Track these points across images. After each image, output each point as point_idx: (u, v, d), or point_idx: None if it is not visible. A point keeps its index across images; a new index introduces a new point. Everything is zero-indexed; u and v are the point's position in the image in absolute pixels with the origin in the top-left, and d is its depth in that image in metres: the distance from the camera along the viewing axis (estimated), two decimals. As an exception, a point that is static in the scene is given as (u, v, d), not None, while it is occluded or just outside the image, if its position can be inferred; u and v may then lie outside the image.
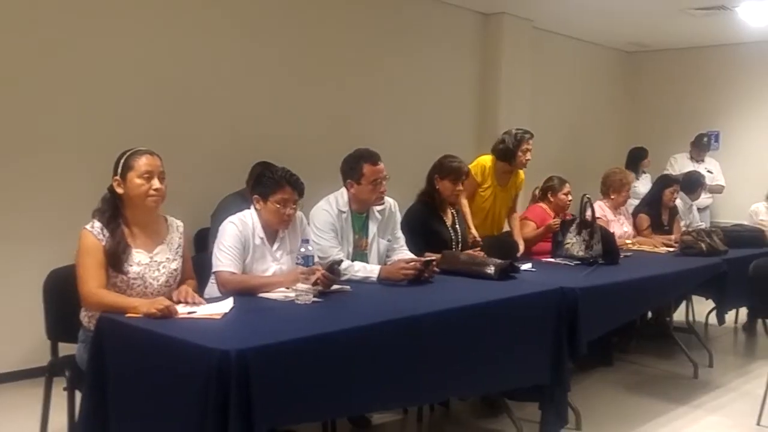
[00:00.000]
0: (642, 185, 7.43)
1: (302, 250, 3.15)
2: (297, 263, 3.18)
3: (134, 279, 2.94)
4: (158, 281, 3.00)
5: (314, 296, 3.08)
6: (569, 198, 5.40)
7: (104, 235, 2.90)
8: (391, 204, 3.98)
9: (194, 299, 2.93)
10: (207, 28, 5.42)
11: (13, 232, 4.53)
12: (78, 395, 2.88)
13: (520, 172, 5.23)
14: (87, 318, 2.98)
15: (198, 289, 3.18)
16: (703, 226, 6.11)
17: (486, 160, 5.12)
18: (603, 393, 4.63)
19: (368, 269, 3.66)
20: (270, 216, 3.35)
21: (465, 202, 4.84)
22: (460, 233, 4.47)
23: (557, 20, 7.97)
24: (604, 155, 8.33)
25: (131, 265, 2.93)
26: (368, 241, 3.87)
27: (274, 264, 3.38)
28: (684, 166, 7.81)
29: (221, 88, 5.48)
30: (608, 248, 4.63)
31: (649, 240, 5.72)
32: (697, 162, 8.05)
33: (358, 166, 3.74)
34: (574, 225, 4.73)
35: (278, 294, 3.17)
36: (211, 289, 3.31)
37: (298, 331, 2.58)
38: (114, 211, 2.95)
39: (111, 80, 4.90)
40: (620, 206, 5.80)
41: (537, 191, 5.64)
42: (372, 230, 3.88)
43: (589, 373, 4.91)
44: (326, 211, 3.74)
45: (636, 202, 6.48)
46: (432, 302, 3.21)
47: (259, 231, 3.36)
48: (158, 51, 5.13)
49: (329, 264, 3.28)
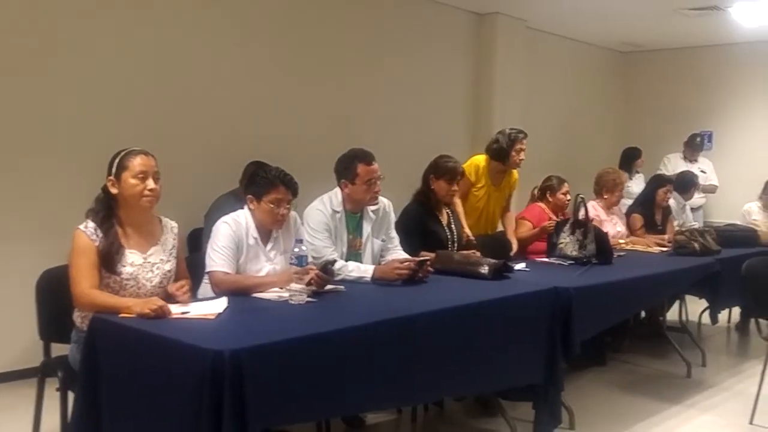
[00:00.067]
0: (635, 185, 7.44)
1: (296, 250, 3.15)
2: (291, 263, 3.18)
3: (127, 280, 2.93)
4: (151, 282, 2.99)
5: (308, 296, 3.07)
6: (568, 198, 5.40)
7: (98, 236, 2.89)
8: (386, 204, 3.98)
9: (186, 294, 2.94)
10: (201, 28, 5.41)
11: (6, 232, 4.51)
12: (71, 396, 2.87)
13: (514, 172, 5.24)
14: (80, 318, 2.97)
15: (192, 290, 3.18)
16: (696, 226, 6.13)
17: (480, 160, 5.12)
18: (596, 392, 4.64)
19: (362, 269, 3.65)
20: (264, 216, 3.34)
21: (458, 202, 4.85)
22: (456, 233, 4.47)
23: (551, 20, 7.98)
24: (598, 155, 8.34)
25: (124, 266, 2.92)
26: (362, 241, 3.87)
27: (268, 264, 3.37)
28: (677, 166, 7.82)
29: (214, 88, 5.47)
30: (602, 248, 4.63)
31: (643, 240, 5.73)
32: (691, 162, 8.07)
33: (353, 166, 3.74)
34: (568, 225, 4.74)
35: (272, 294, 3.16)
36: (205, 289, 3.31)
37: (292, 331, 2.58)
38: (108, 212, 2.94)
39: (105, 81, 4.89)
40: (613, 206, 5.80)
41: (536, 191, 5.61)
42: (366, 230, 3.87)
43: (583, 373, 4.92)
44: (320, 211, 3.74)
45: (629, 202, 6.49)
46: (426, 302, 3.21)
47: (253, 231, 3.36)
48: (152, 51, 5.12)
49: (323, 264, 3.28)
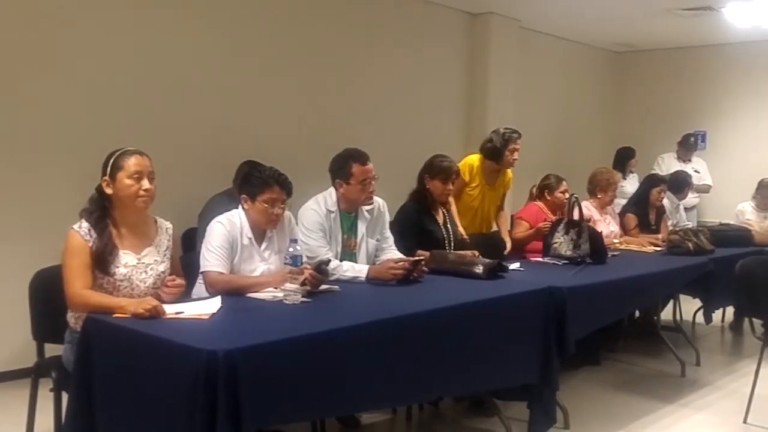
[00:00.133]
0: (629, 185, 7.44)
1: (290, 250, 3.15)
2: (285, 263, 3.17)
3: (121, 281, 2.92)
4: (145, 283, 2.97)
5: (302, 296, 3.07)
6: (566, 196, 5.38)
7: (91, 236, 2.88)
8: (380, 204, 3.98)
9: (175, 288, 2.95)
10: (194, 28, 5.40)
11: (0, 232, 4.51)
12: (65, 396, 2.85)
13: (508, 171, 5.24)
14: (74, 319, 2.96)
15: (187, 290, 3.17)
16: (690, 226, 6.15)
17: (474, 160, 5.13)
18: (591, 392, 4.65)
19: (357, 269, 3.65)
20: (258, 216, 3.34)
21: (452, 200, 4.84)
22: (452, 232, 4.47)
23: (545, 20, 7.99)
24: (592, 155, 8.36)
25: (118, 267, 2.91)
26: (357, 241, 3.86)
27: (262, 264, 3.37)
28: (671, 166, 7.83)
29: (208, 88, 5.46)
30: (596, 248, 4.64)
31: (637, 239, 5.74)
32: (684, 162, 8.08)
33: (347, 166, 3.74)
34: (562, 225, 4.74)
35: (266, 294, 3.16)
36: (199, 289, 3.30)
37: (287, 331, 2.58)
38: (102, 212, 2.93)
39: (99, 81, 4.87)
40: (607, 206, 5.81)
41: (534, 189, 5.57)
42: (361, 230, 3.87)
43: (577, 372, 4.92)
44: (314, 211, 3.73)
45: (623, 202, 6.50)
46: (421, 302, 3.21)
47: (247, 231, 3.35)
48: (145, 50, 5.10)
49: (317, 264, 3.28)
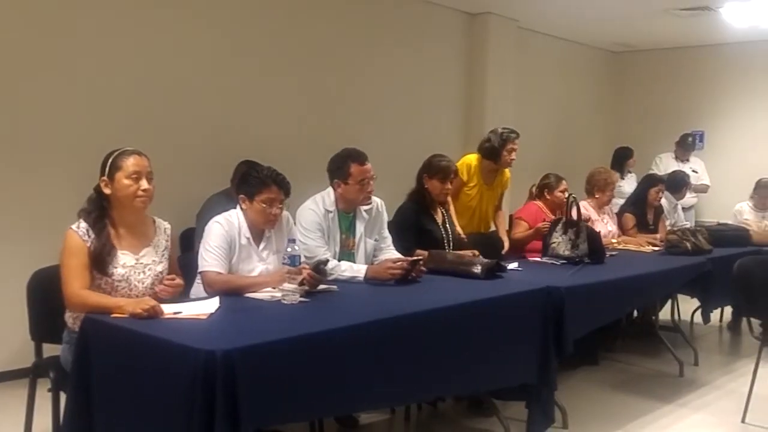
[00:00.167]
0: (627, 185, 7.45)
1: (288, 250, 3.15)
2: (283, 263, 3.17)
3: (119, 281, 2.91)
4: (143, 284, 2.97)
5: (301, 296, 3.07)
6: (566, 195, 5.37)
7: (90, 237, 2.87)
8: (378, 203, 3.98)
9: (172, 287, 2.96)
10: (193, 28, 5.39)
11: (-3, 232, 4.50)
12: (63, 397, 2.85)
13: (506, 171, 5.24)
14: (72, 319, 2.95)
15: (185, 290, 3.17)
16: (688, 226, 6.15)
17: (471, 159, 5.12)
18: (589, 392, 4.65)
19: (355, 269, 3.65)
20: (256, 216, 3.33)
21: (449, 200, 4.84)
22: (451, 232, 4.47)
23: (543, 20, 7.99)
24: (590, 155, 8.36)
25: (116, 267, 2.91)
26: (355, 241, 3.86)
27: (261, 264, 3.37)
28: (669, 166, 7.83)
29: (206, 88, 5.45)
30: (594, 247, 4.64)
31: (635, 239, 5.74)
32: (682, 162, 8.09)
33: (346, 166, 3.74)
34: (560, 224, 4.74)
35: (264, 294, 3.16)
36: (197, 289, 3.30)
37: (285, 332, 2.57)
38: (101, 212, 2.92)
39: (97, 81, 4.87)
40: (604, 205, 5.80)
41: (534, 188, 5.56)
42: (359, 230, 3.87)
43: (576, 372, 4.92)
44: (313, 211, 3.73)
45: (621, 202, 6.50)
46: (419, 302, 3.21)
47: (245, 231, 3.35)
48: (144, 50, 5.10)
49: (315, 264, 3.27)
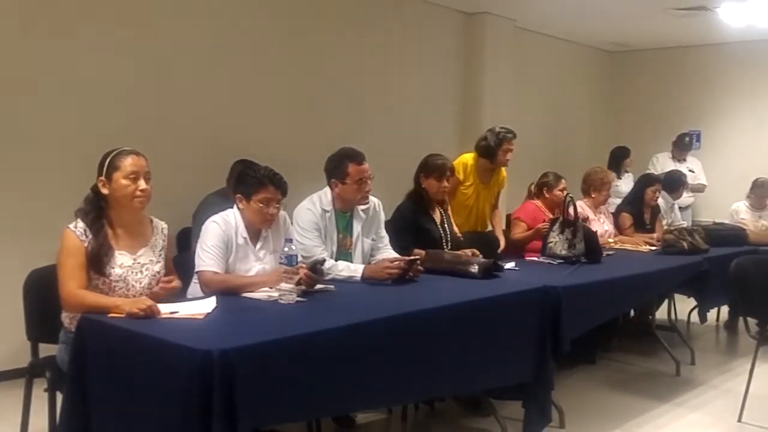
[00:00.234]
0: (624, 184, 7.45)
1: (285, 250, 3.14)
2: (280, 263, 3.17)
3: (116, 281, 2.91)
4: (141, 283, 2.97)
5: (298, 296, 3.06)
6: (564, 194, 5.37)
7: (87, 237, 2.87)
8: (375, 203, 3.98)
9: (168, 286, 2.96)
10: (188, 28, 5.39)
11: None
12: (59, 397, 2.85)
13: (502, 170, 5.24)
14: (68, 319, 2.94)
15: (182, 290, 3.16)
16: (685, 225, 6.16)
17: (468, 158, 5.13)
18: (586, 391, 4.65)
19: (352, 268, 3.65)
20: (253, 215, 3.33)
21: (445, 200, 4.83)
22: (449, 232, 4.46)
23: (540, 20, 8.00)
24: (587, 154, 8.37)
25: (113, 268, 2.90)
26: (352, 241, 3.86)
27: (257, 264, 3.36)
28: (666, 166, 7.84)
29: (202, 87, 5.44)
30: (591, 247, 4.64)
31: (631, 239, 5.75)
32: (679, 161, 8.10)
33: (343, 166, 3.73)
34: (557, 224, 4.74)
35: (261, 294, 3.15)
36: (194, 289, 3.29)
37: (282, 331, 2.57)
38: (98, 212, 2.92)
39: (93, 80, 4.86)
40: (601, 205, 5.80)
41: (532, 187, 5.53)
42: (356, 229, 3.87)
43: (572, 372, 4.93)
44: (310, 211, 3.73)
45: (618, 201, 6.51)
46: (416, 301, 3.21)
47: (242, 230, 3.34)
48: (139, 50, 5.09)
49: (312, 263, 3.27)
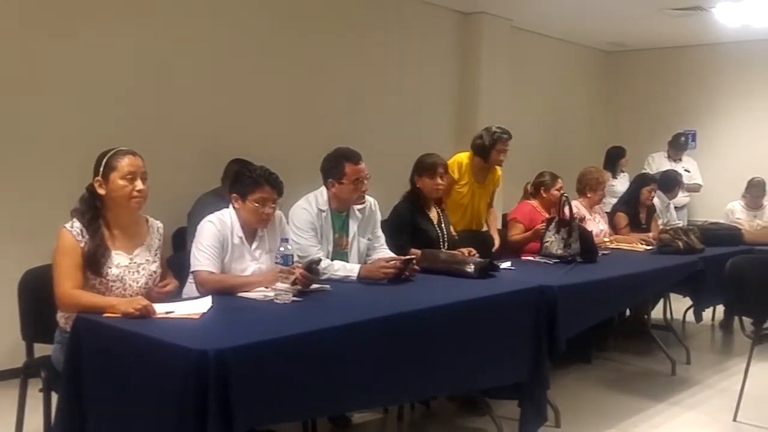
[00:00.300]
0: (620, 184, 7.46)
1: (281, 249, 3.14)
2: (276, 262, 3.17)
3: (113, 281, 2.90)
4: (138, 283, 2.97)
5: (293, 295, 3.06)
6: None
7: (83, 237, 2.86)
8: (371, 203, 3.98)
9: (165, 290, 3.00)
10: (185, 27, 5.38)
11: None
12: (54, 397, 2.84)
13: (498, 169, 5.24)
14: (64, 319, 2.94)
15: (177, 289, 3.17)
16: (681, 225, 6.17)
17: (462, 157, 5.13)
18: (582, 390, 4.66)
19: (348, 268, 3.65)
20: (249, 215, 3.33)
21: (443, 198, 4.82)
22: (446, 232, 4.47)
23: (536, 20, 8.00)
24: (583, 154, 8.37)
25: (110, 268, 2.90)
26: (348, 240, 3.86)
27: (253, 263, 3.36)
28: (661, 165, 7.85)
29: (197, 86, 5.43)
30: (586, 246, 4.65)
31: (627, 237, 5.75)
32: (675, 161, 8.11)
33: (340, 166, 3.73)
34: (553, 224, 4.75)
35: (257, 293, 3.15)
36: (190, 289, 3.29)
37: (277, 331, 2.57)
38: (94, 213, 2.91)
39: (88, 80, 4.85)
40: (596, 205, 5.82)
41: (529, 186, 5.51)
42: (352, 229, 3.87)
43: (568, 371, 4.93)
44: (306, 210, 3.73)
45: (614, 201, 6.52)
46: (412, 301, 3.21)
47: (238, 230, 3.34)
48: (135, 50, 5.08)
49: (308, 263, 3.27)
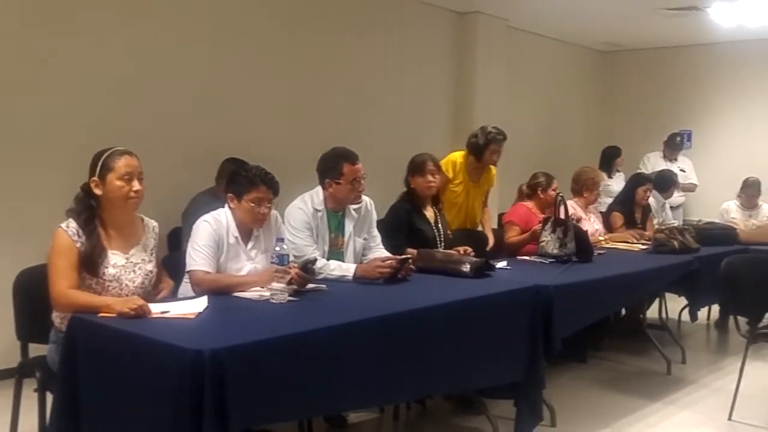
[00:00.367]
0: (615, 184, 7.47)
1: (277, 249, 3.14)
2: (272, 262, 3.16)
3: (110, 281, 2.90)
4: (134, 283, 2.97)
5: (289, 295, 3.06)
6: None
7: (79, 237, 2.85)
8: (367, 202, 3.98)
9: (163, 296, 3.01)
10: (179, 27, 5.37)
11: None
12: (49, 397, 2.84)
13: (492, 168, 5.25)
14: (59, 319, 2.93)
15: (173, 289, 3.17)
16: (676, 224, 6.18)
17: (457, 156, 5.13)
18: (577, 390, 4.66)
19: (344, 268, 3.64)
20: (244, 215, 3.32)
21: (440, 197, 4.82)
22: (443, 232, 4.47)
23: (532, 20, 8.01)
24: (578, 154, 8.38)
25: (107, 268, 2.89)
26: (344, 240, 3.86)
27: (249, 263, 3.36)
28: (657, 165, 7.87)
29: (191, 85, 5.42)
30: (582, 246, 4.65)
31: (621, 234, 5.76)
32: (670, 161, 8.12)
33: (339, 166, 3.73)
34: (549, 223, 4.75)
35: (253, 293, 3.15)
36: (185, 289, 3.28)
37: (273, 331, 2.57)
38: (90, 213, 2.90)
39: (83, 79, 4.84)
40: (590, 204, 5.83)
41: (524, 188, 5.49)
42: (348, 229, 3.87)
43: (564, 370, 4.93)
44: (301, 210, 3.73)
45: (609, 201, 6.53)
46: (408, 301, 3.21)
47: (234, 230, 3.34)
48: (130, 49, 5.07)
49: (304, 263, 3.27)
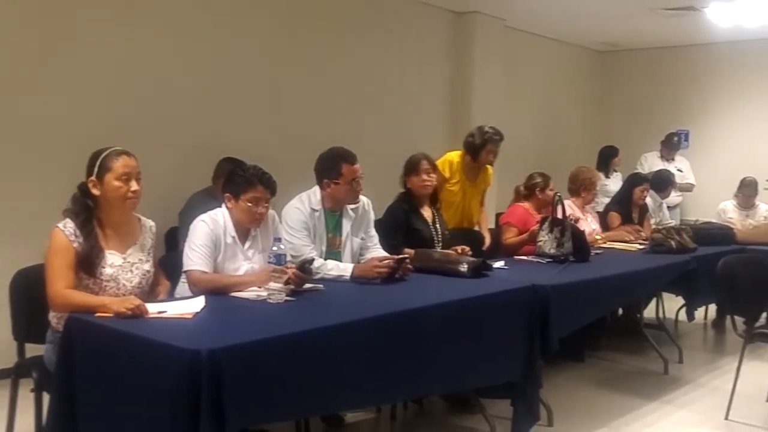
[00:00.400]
0: (613, 184, 7.47)
1: (274, 249, 3.14)
2: (269, 262, 3.16)
3: (107, 281, 2.90)
4: (131, 282, 2.96)
5: (286, 295, 3.06)
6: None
7: (77, 237, 2.85)
8: (365, 202, 3.98)
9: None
10: (173, 24, 5.36)
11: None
12: (46, 397, 2.83)
13: (489, 168, 5.25)
14: (56, 319, 2.93)
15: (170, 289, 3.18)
16: (673, 224, 6.19)
17: (453, 156, 5.13)
18: (574, 389, 4.67)
19: (341, 268, 3.64)
20: (241, 214, 3.32)
21: (438, 197, 4.82)
22: (441, 232, 4.47)
23: (529, 19, 8.01)
24: (576, 154, 8.38)
25: (104, 267, 2.89)
26: (342, 240, 3.86)
27: (246, 263, 3.35)
28: (654, 165, 7.88)
29: (188, 85, 5.41)
30: (579, 246, 4.66)
31: (617, 233, 5.77)
32: (668, 161, 8.13)
33: (337, 166, 3.72)
34: (546, 223, 4.76)
35: (250, 293, 3.15)
36: (182, 288, 3.28)
37: (270, 331, 2.57)
38: (88, 213, 2.90)
39: (79, 79, 4.84)
40: (588, 204, 5.83)
41: (521, 188, 5.46)
42: (346, 229, 3.86)
43: (561, 370, 4.94)
44: (299, 210, 3.72)
45: (606, 201, 6.53)
46: (405, 300, 3.21)
47: (231, 230, 3.33)
48: (126, 49, 5.07)
49: (301, 263, 3.27)
